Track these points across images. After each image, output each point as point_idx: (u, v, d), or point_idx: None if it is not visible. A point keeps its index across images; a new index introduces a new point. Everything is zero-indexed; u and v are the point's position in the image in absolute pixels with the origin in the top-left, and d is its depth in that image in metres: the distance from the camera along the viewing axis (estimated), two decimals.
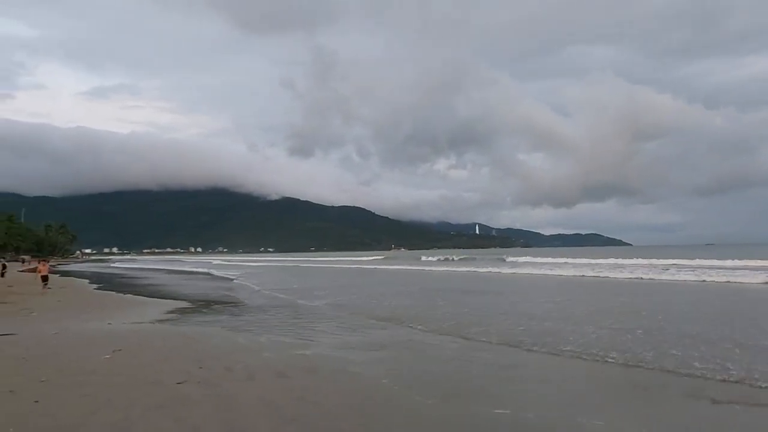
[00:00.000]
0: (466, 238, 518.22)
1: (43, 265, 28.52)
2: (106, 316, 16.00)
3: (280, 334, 12.30)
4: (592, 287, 26.60)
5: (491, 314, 15.71)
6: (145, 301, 21.86)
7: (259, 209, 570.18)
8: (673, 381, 7.75)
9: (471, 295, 23.68)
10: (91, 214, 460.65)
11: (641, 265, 42.55)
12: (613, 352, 9.58)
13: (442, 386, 7.46)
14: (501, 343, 10.84)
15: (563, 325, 13.13)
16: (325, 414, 6.08)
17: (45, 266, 28.18)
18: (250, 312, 17.56)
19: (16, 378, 7.50)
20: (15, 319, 15.11)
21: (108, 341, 10.74)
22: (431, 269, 53.28)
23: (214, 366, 8.41)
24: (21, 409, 6.03)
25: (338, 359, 9.26)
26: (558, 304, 18.80)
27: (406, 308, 17.64)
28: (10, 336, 11.49)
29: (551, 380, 8.03)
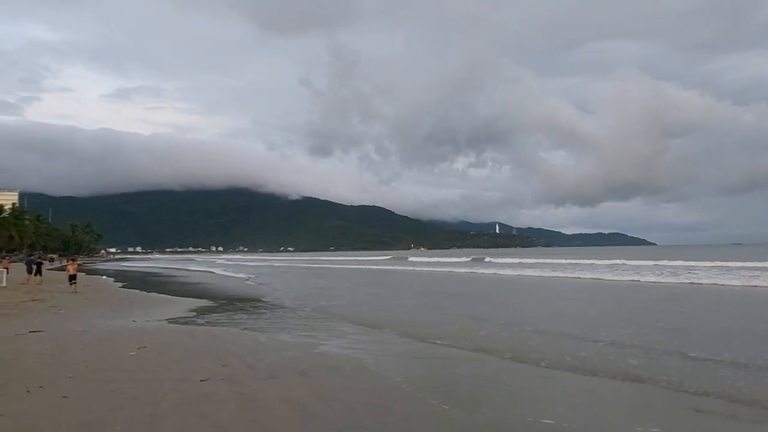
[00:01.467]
0: (487, 238, 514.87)
1: (71, 265, 28.64)
2: (131, 313, 16.30)
3: (301, 333, 12.38)
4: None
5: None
6: (168, 299, 22.20)
7: (280, 209, 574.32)
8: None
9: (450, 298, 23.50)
10: (115, 214, 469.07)
11: (626, 266, 42.30)
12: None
13: (459, 390, 7.43)
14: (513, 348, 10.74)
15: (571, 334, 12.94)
16: (346, 412, 6.10)
17: (73, 265, 28.31)
18: (271, 310, 17.71)
19: (45, 374, 7.69)
20: (44, 316, 15.48)
21: (133, 338, 10.94)
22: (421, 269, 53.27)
23: (237, 364, 8.51)
24: (51, 405, 6.17)
25: (358, 359, 9.28)
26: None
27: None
28: (40, 333, 11.78)
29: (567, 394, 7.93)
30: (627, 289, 25.18)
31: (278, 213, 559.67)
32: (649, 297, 21.71)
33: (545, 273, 37.85)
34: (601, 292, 24.36)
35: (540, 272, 38.71)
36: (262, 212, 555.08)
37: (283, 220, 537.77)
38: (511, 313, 16.76)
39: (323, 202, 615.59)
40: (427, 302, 20.87)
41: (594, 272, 36.09)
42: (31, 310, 16.87)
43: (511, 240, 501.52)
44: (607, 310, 17.50)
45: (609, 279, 31.41)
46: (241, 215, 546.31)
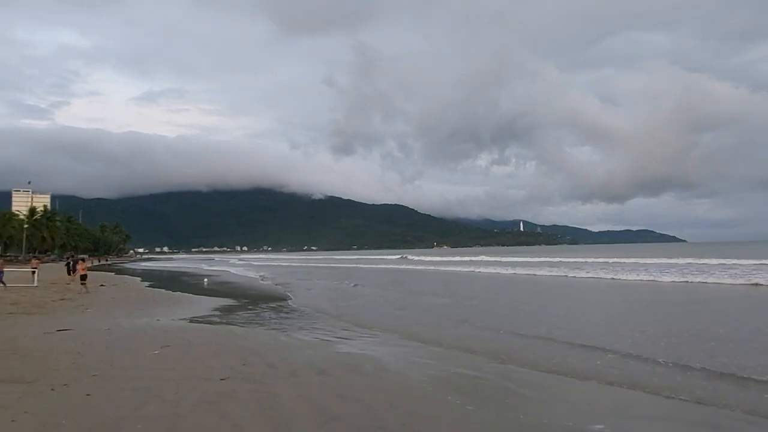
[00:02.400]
0: (510, 235, 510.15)
1: (82, 265, 27.87)
2: (156, 312, 16.52)
3: (321, 332, 12.36)
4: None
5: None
6: (192, 298, 22.47)
7: (303, 208, 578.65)
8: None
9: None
10: (143, 215, 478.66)
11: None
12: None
13: (483, 392, 7.28)
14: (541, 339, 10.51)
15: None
16: (366, 412, 6.02)
17: (83, 266, 27.66)
18: (293, 310, 17.76)
19: (71, 372, 7.78)
20: (72, 315, 15.79)
21: (157, 337, 11.05)
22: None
23: (257, 363, 8.51)
24: (74, 402, 6.23)
25: (378, 359, 9.20)
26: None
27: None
28: (68, 331, 11.99)
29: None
30: (650, 291, 24.56)
31: (302, 212, 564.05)
32: (672, 299, 21.10)
33: (557, 273, 37.15)
34: (616, 294, 23.68)
35: (548, 271, 37.87)
36: (285, 212, 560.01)
37: (307, 219, 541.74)
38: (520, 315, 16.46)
39: (346, 201, 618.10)
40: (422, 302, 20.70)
41: (608, 271, 34.69)
42: (59, 309, 17.24)
43: (536, 238, 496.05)
44: (625, 314, 17.07)
45: (629, 279, 29.62)
46: (265, 215, 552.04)
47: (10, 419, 5.55)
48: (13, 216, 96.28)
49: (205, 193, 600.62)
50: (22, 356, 8.98)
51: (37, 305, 18.13)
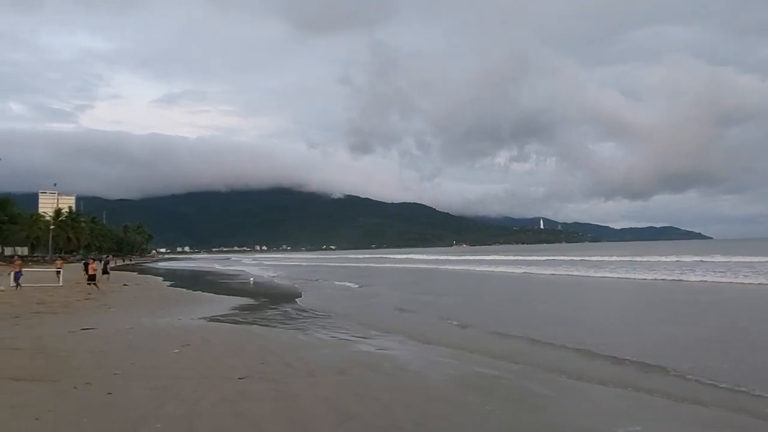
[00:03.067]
0: (530, 233, 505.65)
1: (93, 265, 27.52)
2: (177, 312, 16.72)
3: (339, 331, 12.37)
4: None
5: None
6: (212, 297, 22.71)
7: (322, 207, 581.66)
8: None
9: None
10: (165, 215, 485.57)
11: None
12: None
13: (503, 392, 7.19)
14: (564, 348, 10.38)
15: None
16: (384, 412, 6.00)
17: (94, 265, 27.26)
18: (307, 309, 17.81)
19: (93, 371, 7.90)
20: (96, 314, 16.08)
21: (178, 336, 11.17)
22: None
23: (276, 362, 8.54)
24: (95, 401, 6.32)
25: (395, 358, 9.17)
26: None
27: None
28: (92, 330, 12.20)
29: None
30: (671, 291, 24.09)
31: (321, 211, 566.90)
32: (694, 300, 20.64)
33: (563, 271, 36.66)
34: (635, 294, 23.29)
35: (566, 270, 37.29)
36: (304, 211, 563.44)
37: (326, 218, 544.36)
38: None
39: (364, 200, 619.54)
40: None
41: (627, 270, 33.98)
42: (84, 309, 17.56)
43: (556, 235, 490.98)
44: (643, 316, 16.75)
45: (648, 278, 28.54)
46: (285, 214, 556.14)
47: (34, 417, 5.65)
48: (39, 217, 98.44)
49: (225, 194, 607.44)
50: (47, 355, 9.16)
51: (62, 304, 18.50)
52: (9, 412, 5.80)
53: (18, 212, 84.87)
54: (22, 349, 9.68)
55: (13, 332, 11.89)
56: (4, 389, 6.77)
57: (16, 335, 11.38)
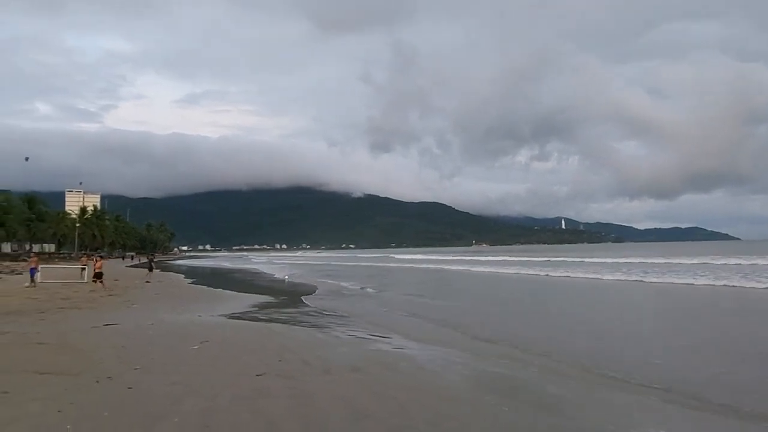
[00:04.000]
0: (551, 233, 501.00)
1: (99, 262, 26.55)
2: (197, 308, 16.93)
3: (356, 330, 12.39)
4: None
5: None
6: (232, 295, 22.95)
7: (342, 207, 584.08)
8: None
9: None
10: (187, 214, 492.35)
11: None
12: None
13: (516, 394, 7.12)
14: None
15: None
16: (399, 411, 5.98)
17: (101, 263, 26.17)
18: (326, 308, 17.88)
19: (114, 365, 8.05)
20: (119, 310, 16.37)
21: (197, 333, 11.30)
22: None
23: (293, 359, 8.58)
24: (116, 395, 6.43)
25: (412, 357, 9.15)
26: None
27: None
28: (114, 326, 12.43)
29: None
30: (686, 296, 23.55)
31: (340, 211, 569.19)
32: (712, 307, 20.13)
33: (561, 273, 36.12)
34: (652, 299, 22.84)
35: (583, 273, 36.82)
36: (324, 210, 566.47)
37: (346, 217, 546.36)
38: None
39: (383, 200, 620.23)
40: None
41: (644, 272, 32.09)
42: (107, 304, 17.90)
43: (578, 236, 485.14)
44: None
45: (665, 282, 26.98)
46: (305, 213, 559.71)
47: (57, 410, 5.78)
48: (66, 215, 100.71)
49: (246, 193, 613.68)
50: (71, 350, 9.35)
51: (86, 300, 18.89)
52: (33, 405, 5.94)
53: (45, 210, 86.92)
54: (47, 343, 9.90)
55: (38, 327, 12.18)
56: (29, 382, 6.93)
57: (42, 330, 11.65)
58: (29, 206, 79.69)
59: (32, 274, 25.57)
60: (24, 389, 6.59)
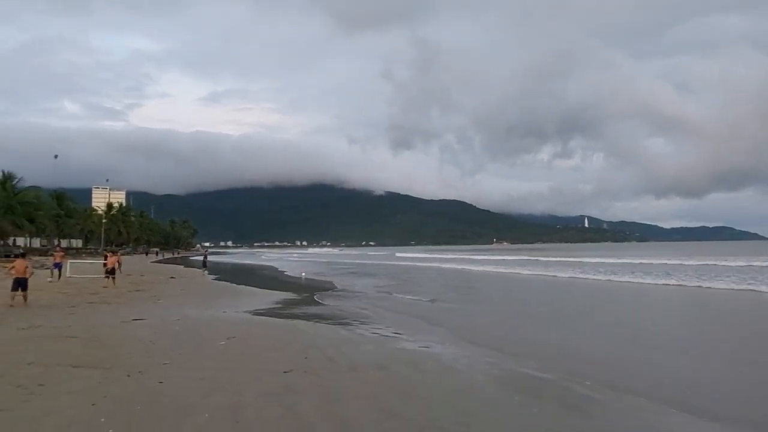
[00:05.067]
0: (574, 232, 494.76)
1: (112, 258, 25.36)
2: (222, 305, 17.12)
3: (380, 327, 12.38)
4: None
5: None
6: (255, 291, 23.15)
7: (363, 204, 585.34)
8: None
9: None
10: (209, 211, 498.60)
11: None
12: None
13: (547, 396, 7.02)
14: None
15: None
16: (427, 410, 5.97)
17: (113, 259, 24.98)
18: (351, 305, 17.93)
19: (144, 360, 8.19)
20: (146, 305, 16.66)
21: (223, 329, 11.44)
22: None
23: (318, 356, 8.62)
24: (147, 389, 6.54)
25: (437, 356, 9.11)
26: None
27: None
28: (142, 321, 12.65)
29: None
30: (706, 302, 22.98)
31: (361, 208, 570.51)
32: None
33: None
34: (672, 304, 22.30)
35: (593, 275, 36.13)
36: (346, 208, 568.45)
37: (366, 215, 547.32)
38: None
39: (404, 197, 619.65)
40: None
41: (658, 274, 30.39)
42: (134, 300, 18.23)
43: (602, 234, 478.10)
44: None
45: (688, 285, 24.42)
46: (326, 211, 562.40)
47: (91, 403, 5.90)
48: (93, 211, 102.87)
49: (268, 190, 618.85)
50: (101, 344, 9.55)
51: (114, 295, 19.25)
52: (68, 398, 6.08)
53: (73, 206, 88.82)
54: (78, 337, 10.13)
55: (69, 321, 12.47)
56: (63, 375, 7.10)
57: (72, 324, 11.92)
58: (58, 203, 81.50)
59: (57, 269, 26.03)
60: (59, 382, 6.75)
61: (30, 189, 66.98)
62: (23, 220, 61.48)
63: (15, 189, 63.76)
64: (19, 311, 14.23)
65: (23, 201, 63.03)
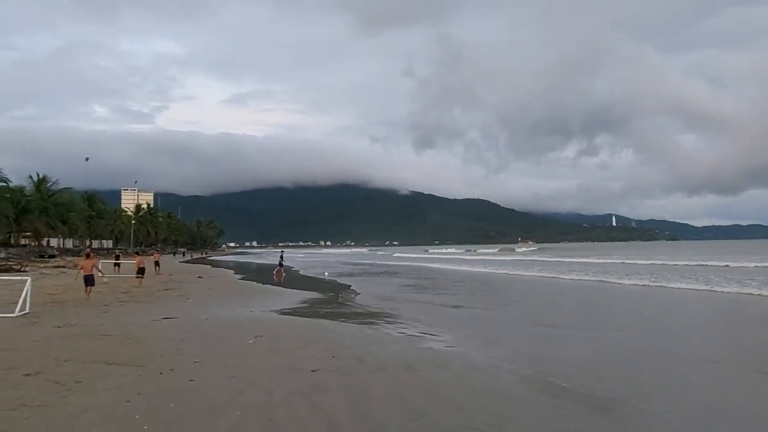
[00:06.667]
0: (601, 230, 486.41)
1: (143, 258, 26.82)
2: (249, 304, 17.34)
3: (405, 327, 12.37)
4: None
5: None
6: (280, 291, 23.35)
7: (387, 204, 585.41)
8: None
9: None
10: (234, 211, 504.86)
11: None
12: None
13: (576, 397, 6.91)
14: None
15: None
16: (455, 411, 5.94)
17: (140, 259, 26.25)
18: (376, 305, 17.95)
19: (175, 358, 8.35)
20: (175, 304, 16.98)
21: (251, 327, 11.58)
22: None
23: (346, 356, 8.66)
24: (179, 386, 6.67)
25: (463, 356, 9.06)
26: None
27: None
28: (173, 319, 12.89)
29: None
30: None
31: (385, 208, 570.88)
32: None
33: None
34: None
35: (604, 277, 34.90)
36: (369, 207, 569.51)
37: (390, 214, 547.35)
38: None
39: (428, 197, 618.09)
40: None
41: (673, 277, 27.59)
42: (164, 298, 18.59)
43: (630, 233, 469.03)
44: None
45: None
46: (350, 210, 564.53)
47: (126, 399, 6.05)
48: (122, 212, 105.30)
49: (292, 190, 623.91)
50: (134, 341, 9.77)
51: (145, 294, 19.68)
52: (104, 395, 6.24)
53: (103, 208, 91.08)
54: (112, 335, 10.38)
55: (103, 320, 12.78)
56: (99, 372, 7.28)
57: (106, 322, 12.22)
58: (89, 204, 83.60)
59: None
60: (95, 379, 6.93)
61: (63, 191, 68.90)
62: (56, 221, 63.25)
63: (49, 191, 65.65)
64: (57, 310, 14.64)
65: (57, 202, 64.84)
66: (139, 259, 26.03)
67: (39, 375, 7.10)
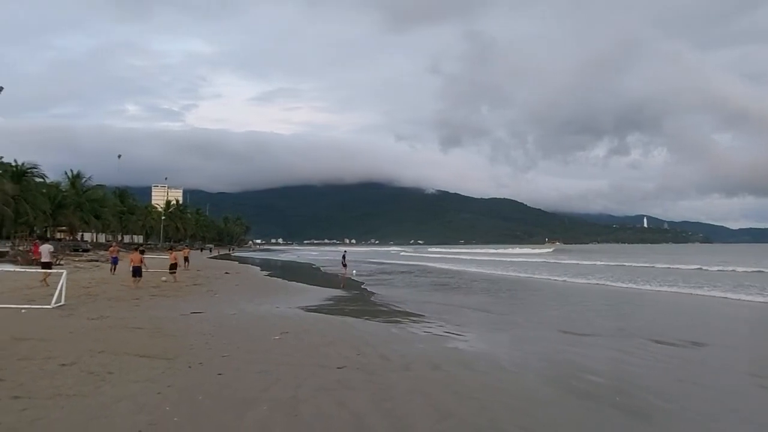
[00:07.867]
0: (631, 232, 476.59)
1: (177, 253, 27.01)
2: (275, 300, 17.52)
3: (430, 326, 12.32)
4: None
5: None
6: (305, 288, 23.56)
7: (413, 202, 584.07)
8: None
9: None
10: (261, 208, 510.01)
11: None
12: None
13: (606, 398, 6.79)
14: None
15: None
16: (482, 412, 5.89)
17: (175, 254, 26.59)
18: (400, 303, 17.94)
19: (204, 352, 8.49)
20: (203, 299, 17.26)
21: (277, 324, 11.71)
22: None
23: (371, 354, 8.68)
24: (208, 380, 6.78)
25: (490, 356, 8.99)
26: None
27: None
28: (201, 314, 13.12)
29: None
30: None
31: (411, 206, 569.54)
32: None
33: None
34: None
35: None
36: (396, 206, 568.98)
37: (416, 213, 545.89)
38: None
39: (454, 195, 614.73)
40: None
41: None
42: (192, 293, 18.92)
43: (662, 235, 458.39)
44: None
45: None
46: (376, 209, 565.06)
47: (156, 392, 6.17)
48: (153, 208, 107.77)
49: (319, 188, 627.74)
50: (164, 335, 9.97)
51: (174, 289, 20.06)
52: (135, 386, 6.38)
53: (135, 204, 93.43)
54: (143, 328, 10.62)
55: (134, 313, 13.09)
56: (131, 365, 7.45)
57: (137, 316, 12.51)
58: (121, 200, 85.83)
59: (114, 263, 27.67)
60: (127, 371, 7.09)
61: (97, 187, 70.83)
62: (90, 216, 65.07)
63: (83, 187, 67.53)
64: (91, 302, 15.04)
65: (91, 198, 66.70)
66: (174, 255, 26.69)
67: (74, 365, 7.30)
